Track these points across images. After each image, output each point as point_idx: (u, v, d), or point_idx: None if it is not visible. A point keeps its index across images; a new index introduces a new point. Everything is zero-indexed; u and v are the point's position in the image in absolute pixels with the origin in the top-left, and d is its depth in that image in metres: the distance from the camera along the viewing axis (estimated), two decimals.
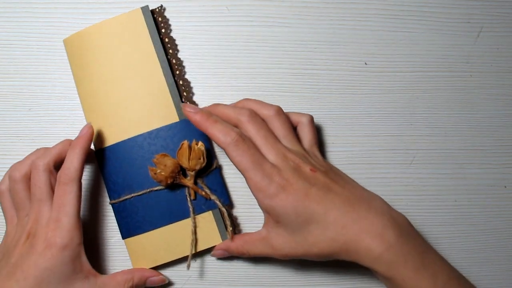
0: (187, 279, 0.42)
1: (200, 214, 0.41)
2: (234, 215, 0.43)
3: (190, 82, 0.43)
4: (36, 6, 0.43)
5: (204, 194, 0.41)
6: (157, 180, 0.39)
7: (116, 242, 0.42)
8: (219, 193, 0.41)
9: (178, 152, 0.39)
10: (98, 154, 0.41)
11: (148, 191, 0.41)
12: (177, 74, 0.43)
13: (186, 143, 0.39)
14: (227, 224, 0.40)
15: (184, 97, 0.43)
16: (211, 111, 0.39)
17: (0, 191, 0.39)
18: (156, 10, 0.43)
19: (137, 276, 0.39)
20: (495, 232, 0.44)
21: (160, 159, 0.39)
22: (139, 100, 0.41)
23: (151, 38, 0.42)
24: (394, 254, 0.34)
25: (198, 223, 0.41)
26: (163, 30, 0.43)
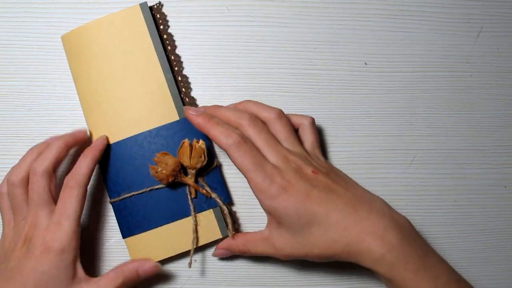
0: (187, 279, 0.42)
1: (201, 212, 0.41)
2: (234, 211, 0.43)
3: (188, 77, 0.43)
4: (36, 6, 0.43)
5: (205, 192, 0.41)
6: (158, 178, 0.39)
7: (116, 243, 0.42)
8: (220, 191, 0.41)
9: (179, 151, 0.39)
10: None
11: (148, 189, 0.41)
12: (175, 70, 0.43)
13: (187, 142, 0.39)
14: (228, 222, 0.40)
15: (183, 93, 0.43)
16: (212, 114, 0.39)
17: (0, 193, 0.39)
18: (154, 7, 0.43)
19: (126, 270, 0.38)
20: (495, 232, 0.44)
21: (161, 157, 0.39)
22: (138, 98, 0.41)
23: (150, 34, 0.42)
24: (395, 255, 0.34)
25: (199, 221, 0.41)
26: (161, 26, 0.43)
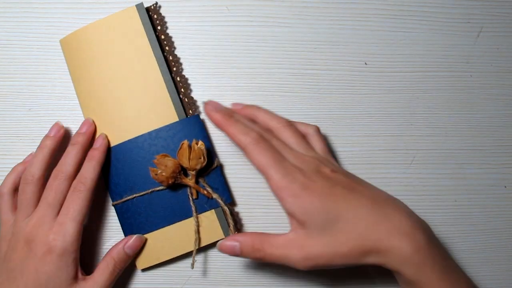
0: (187, 279, 0.42)
1: (203, 213, 0.41)
2: (237, 212, 0.43)
3: (187, 78, 0.43)
4: (36, 6, 0.43)
5: (206, 193, 0.41)
6: (158, 180, 0.39)
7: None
8: (221, 191, 0.41)
9: (178, 152, 0.39)
10: None
11: (150, 191, 0.41)
12: (174, 70, 0.43)
13: (186, 143, 0.39)
14: (229, 222, 0.40)
15: (182, 93, 0.42)
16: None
17: (1, 193, 0.39)
18: (151, 8, 0.43)
19: (114, 253, 0.39)
20: (495, 232, 0.44)
21: (161, 159, 0.39)
22: (137, 100, 0.41)
23: (147, 35, 0.42)
24: (423, 256, 0.33)
25: (201, 222, 0.41)
26: (158, 27, 0.43)
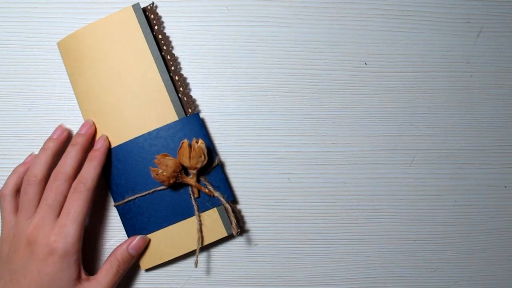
0: (187, 279, 0.42)
1: (205, 211, 0.41)
2: (239, 210, 0.43)
3: (186, 77, 0.43)
4: (36, 7, 0.43)
5: (208, 191, 0.41)
6: (159, 180, 0.39)
7: (117, 243, 0.42)
8: (223, 189, 0.41)
9: (178, 152, 0.39)
10: None
11: (151, 191, 0.41)
12: (172, 70, 0.43)
13: (186, 142, 0.39)
14: (232, 220, 0.40)
15: (180, 92, 0.42)
16: None
17: (3, 194, 0.39)
18: (148, 8, 0.43)
19: (118, 254, 0.39)
20: (495, 232, 0.44)
21: (161, 159, 0.39)
22: (137, 100, 0.41)
23: (144, 35, 0.42)
24: None
25: (203, 221, 0.41)
26: (156, 27, 0.43)
